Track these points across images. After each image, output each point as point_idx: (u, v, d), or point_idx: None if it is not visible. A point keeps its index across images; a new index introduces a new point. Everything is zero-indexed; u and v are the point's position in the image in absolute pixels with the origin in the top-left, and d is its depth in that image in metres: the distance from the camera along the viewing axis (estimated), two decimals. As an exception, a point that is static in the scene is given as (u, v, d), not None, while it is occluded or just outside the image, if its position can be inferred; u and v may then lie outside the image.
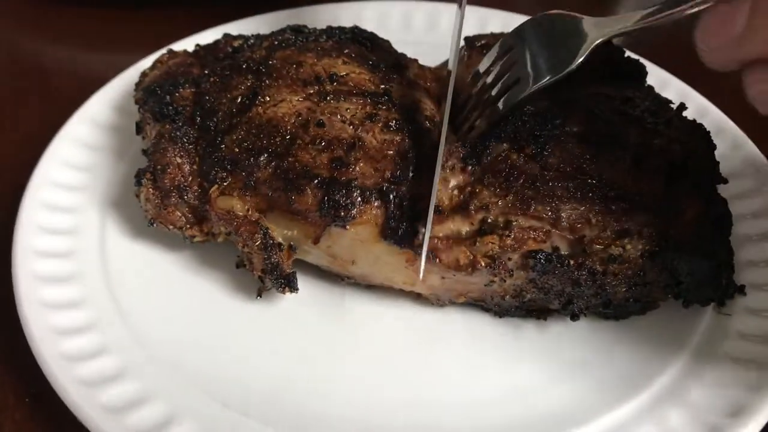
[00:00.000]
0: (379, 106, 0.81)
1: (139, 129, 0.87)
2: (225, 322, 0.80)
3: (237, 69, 0.86)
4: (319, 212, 0.73)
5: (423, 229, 0.73)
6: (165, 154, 0.80)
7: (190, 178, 0.79)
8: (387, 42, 0.96)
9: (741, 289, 0.82)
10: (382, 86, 0.84)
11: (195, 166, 0.79)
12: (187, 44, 1.05)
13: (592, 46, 0.76)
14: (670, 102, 0.88)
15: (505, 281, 0.74)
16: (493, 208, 0.74)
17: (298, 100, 0.81)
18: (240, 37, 0.95)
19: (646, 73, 0.92)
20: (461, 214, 0.74)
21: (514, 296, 0.77)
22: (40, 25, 1.31)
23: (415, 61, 0.93)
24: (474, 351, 0.79)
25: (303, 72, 0.84)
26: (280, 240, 0.76)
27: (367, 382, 0.76)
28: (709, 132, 0.85)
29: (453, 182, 0.76)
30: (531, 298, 0.77)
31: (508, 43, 0.80)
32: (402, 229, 0.73)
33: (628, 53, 0.93)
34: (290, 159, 0.76)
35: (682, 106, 0.87)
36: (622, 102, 0.83)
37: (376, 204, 0.73)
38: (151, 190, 0.79)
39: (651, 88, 0.90)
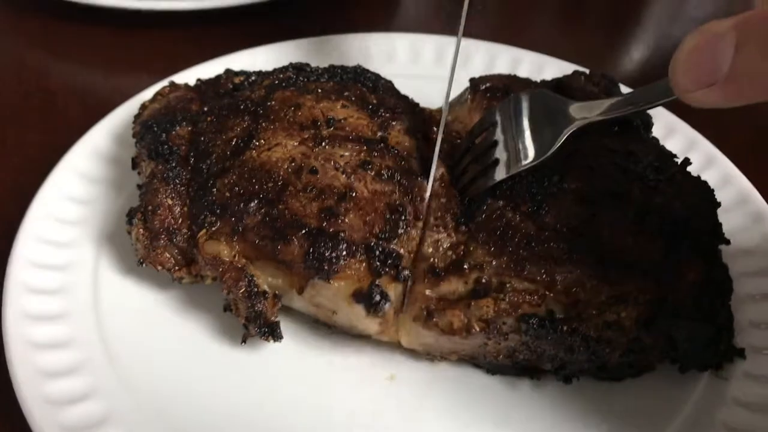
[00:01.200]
0: (374, 153, 0.79)
1: (135, 164, 0.87)
2: (211, 368, 0.79)
3: (234, 109, 0.85)
4: (303, 264, 0.72)
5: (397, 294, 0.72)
6: (156, 195, 0.79)
7: (180, 221, 0.79)
8: (390, 83, 0.95)
9: (740, 353, 0.79)
10: (380, 133, 0.83)
11: (186, 208, 0.79)
12: (197, 71, 1.05)
13: (573, 129, 0.75)
14: (675, 156, 0.86)
15: (499, 344, 0.73)
16: (488, 267, 0.72)
17: (293, 144, 0.80)
18: (242, 73, 0.95)
19: (652, 123, 0.90)
20: (456, 274, 0.72)
21: (507, 356, 0.75)
22: (49, 44, 1.32)
23: (416, 104, 0.92)
24: (465, 409, 0.77)
25: (300, 115, 0.83)
26: (265, 288, 0.75)
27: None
28: (712, 190, 0.82)
29: (446, 243, 0.74)
30: (524, 358, 0.75)
31: (494, 117, 0.80)
32: (376, 293, 0.71)
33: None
34: (280, 206, 0.75)
35: (686, 161, 0.84)
36: (624, 156, 0.81)
37: (361, 260, 0.72)
38: (141, 230, 0.79)
39: (656, 140, 0.88)
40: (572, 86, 0.91)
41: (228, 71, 0.96)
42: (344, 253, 0.72)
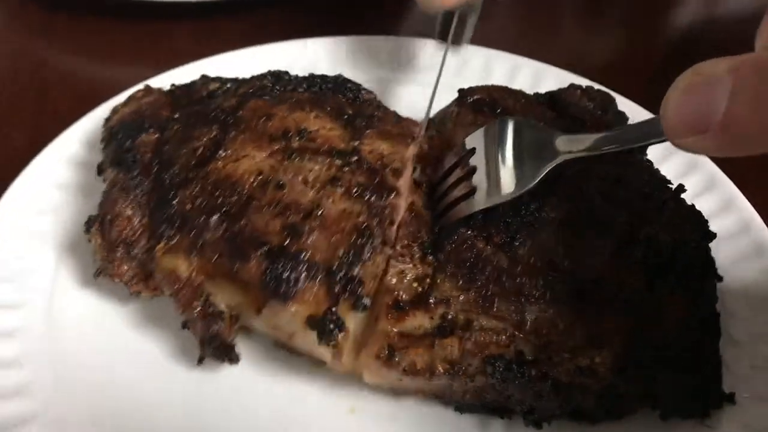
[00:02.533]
0: (345, 168, 0.76)
1: (101, 170, 0.83)
2: (163, 388, 0.75)
3: (203, 117, 0.81)
4: (260, 284, 0.68)
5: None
6: (115, 205, 0.76)
7: (139, 232, 0.75)
8: (371, 93, 0.91)
9: (730, 398, 0.72)
10: (353, 143, 0.79)
11: (146, 220, 0.75)
12: (191, 69, 1.02)
13: (556, 163, 0.70)
14: (668, 182, 0.81)
15: (466, 385, 0.68)
16: (454, 303, 0.68)
17: (261, 156, 0.76)
18: (217, 80, 0.91)
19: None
20: (421, 308, 0.68)
21: (474, 396, 0.71)
22: (48, 34, 1.28)
23: (400, 117, 0.88)
24: None
25: (272, 126, 0.80)
26: (222, 308, 0.71)
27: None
28: (705, 221, 0.77)
29: (411, 274, 0.70)
30: (493, 399, 0.70)
31: (475, 141, 0.75)
32: (330, 321, 0.67)
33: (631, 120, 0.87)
34: (242, 222, 0.71)
35: (680, 188, 0.79)
36: (612, 182, 0.76)
37: (320, 283, 0.68)
38: (98, 240, 0.75)
39: (650, 163, 0.84)
40: (566, 100, 0.87)
41: (204, 77, 0.92)
42: (303, 275, 0.68)
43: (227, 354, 0.72)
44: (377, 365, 0.67)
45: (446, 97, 0.89)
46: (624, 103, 0.96)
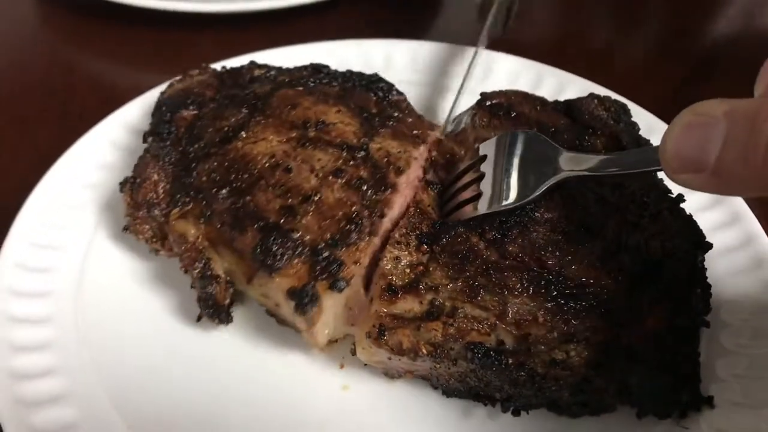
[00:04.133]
0: (351, 161, 0.81)
1: (145, 138, 0.92)
2: (167, 345, 0.82)
3: (237, 100, 0.89)
4: (251, 255, 0.74)
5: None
6: (145, 169, 0.84)
7: (162, 196, 0.83)
8: (402, 95, 0.95)
9: (709, 401, 0.72)
10: (364, 139, 0.84)
11: (168, 186, 0.83)
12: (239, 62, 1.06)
13: (553, 181, 0.74)
14: (669, 192, 0.81)
15: (449, 368, 0.72)
16: (443, 290, 0.72)
17: (278, 141, 0.83)
18: (264, 66, 0.99)
19: None
20: (412, 293, 0.73)
21: (458, 381, 0.74)
22: (77, 40, 1.35)
23: (416, 117, 0.92)
24: (416, 428, 0.77)
25: (294, 114, 0.86)
26: (219, 272, 0.78)
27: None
28: (700, 231, 0.78)
29: (405, 261, 0.75)
30: (475, 385, 0.74)
31: (487, 149, 0.79)
32: (306, 294, 0.72)
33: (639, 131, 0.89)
34: (247, 198, 0.78)
35: (680, 198, 0.80)
36: (612, 188, 0.78)
37: (304, 261, 0.73)
38: (128, 198, 0.84)
39: (654, 174, 0.83)
40: (581, 109, 0.89)
41: (252, 63, 1.00)
42: (290, 251, 0.73)
43: (219, 314, 0.78)
44: (368, 343, 0.72)
45: (471, 101, 0.93)
46: (640, 114, 0.98)
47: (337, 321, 0.77)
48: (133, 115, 1.02)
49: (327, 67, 0.98)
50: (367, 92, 0.93)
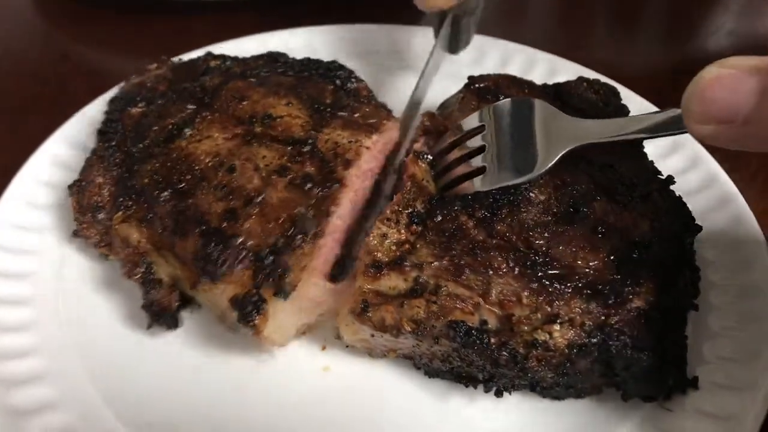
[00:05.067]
0: (297, 157, 0.78)
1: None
2: (135, 347, 0.79)
3: (185, 95, 0.86)
4: (193, 261, 0.72)
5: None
6: (90, 171, 0.82)
7: (107, 199, 0.81)
8: (363, 83, 0.91)
9: (693, 383, 0.71)
10: (312, 132, 0.80)
11: (113, 188, 0.81)
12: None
13: (564, 152, 0.71)
14: (659, 173, 0.79)
15: (431, 347, 0.70)
16: (427, 268, 0.70)
17: (223, 138, 0.80)
18: (219, 57, 0.95)
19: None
20: (396, 270, 0.70)
21: (441, 360, 0.73)
22: (71, 27, 1.33)
23: (388, 110, 0.89)
24: (395, 408, 0.75)
25: (242, 108, 0.83)
26: (162, 277, 0.75)
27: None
28: (689, 213, 0.76)
29: (392, 238, 0.72)
30: (459, 365, 0.72)
31: (485, 118, 0.75)
32: (249, 302, 0.69)
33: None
34: (189, 201, 0.75)
35: (670, 179, 0.78)
36: (602, 168, 0.75)
37: (248, 267, 0.70)
38: (74, 203, 0.82)
39: (644, 155, 0.82)
40: (571, 92, 0.86)
41: (208, 54, 0.96)
42: (232, 257, 0.71)
43: (165, 320, 0.76)
44: (351, 319, 0.70)
45: (460, 86, 0.89)
46: (632, 98, 0.95)
47: (296, 317, 0.74)
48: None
49: (284, 55, 0.94)
50: (324, 81, 0.90)
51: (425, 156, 0.78)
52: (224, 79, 0.88)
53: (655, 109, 0.96)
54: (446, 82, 0.93)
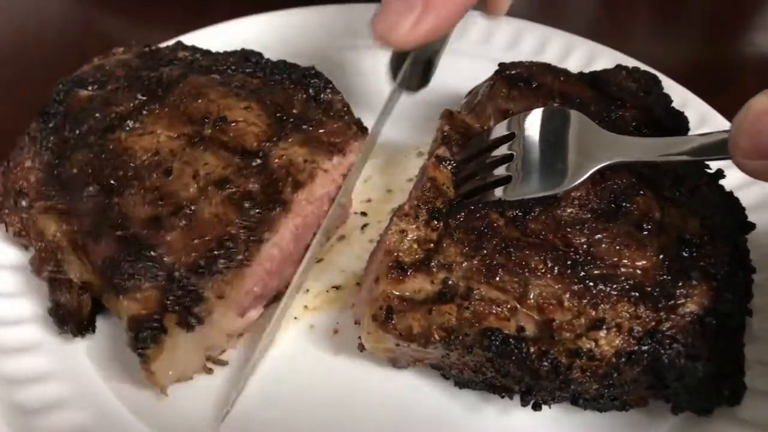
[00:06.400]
0: (243, 171, 0.70)
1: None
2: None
3: (138, 84, 0.78)
4: (101, 268, 0.64)
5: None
6: (20, 153, 0.75)
7: (33, 186, 0.73)
8: (339, 95, 0.83)
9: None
10: (267, 144, 0.72)
11: (40, 174, 0.73)
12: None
13: (597, 168, 0.65)
14: (707, 166, 0.72)
15: (463, 356, 0.63)
16: (457, 269, 0.63)
17: (167, 136, 0.72)
18: (190, 48, 0.88)
19: (688, 128, 0.77)
20: (422, 271, 0.63)
21: (473, 371, 0.66)
22: None
23: (344, 123, 0.80)
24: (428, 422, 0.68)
25: (195, 106, 0.75)
26: (72, 277, 0.67)
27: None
28: (743, 209, 0.69)
29: (412, 235, 0.65)
30: (493, 376, 0.65)
31: (516, 126, 0.69)
32: (146, 329, 0.61)
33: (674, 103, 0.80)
34: (115, 199, 0.67)
35: (719, 174, 0.71)
36: (642, 162, 0.68)
37: (157, 286, 0.63)
38: (0, 185, 0.74)
39: None
40: (609, 81, 0.80)
41: (178, 44, 0.89)
42: (142, 272, 0.63)
43: (71, 325, 0.68)
44: (374, 327, 0.63)
45: (490, 70, 0.82)
46: (673, 88, 0.88)
47: (195, 356, 0.66)
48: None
49: (258, 54, 0.86)
50: (296, 88, 0.81)
51: (448, 162, 0.71)
52: (184, 72, 0.80)
53: (699, 101, 0.91)
54: (475, 65, 0.87)
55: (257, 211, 0.67)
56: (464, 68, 0.90)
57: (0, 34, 1.21)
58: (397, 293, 0.62)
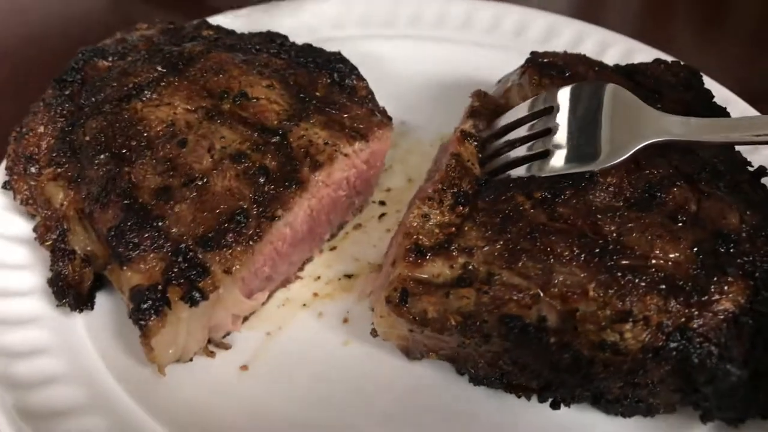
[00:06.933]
0: (261, 146, 0.67)
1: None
2: None
3: (158, 57, 0.76)
4: (107, 236, 0.62)
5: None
6: (34, 118, 0.73)
7: (44, 152, 0.71)
8: (363, 81, 0.80)
9: None
10: (288, 123, 0.70)
11: (53, 141, 0.71)
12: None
13: (640, 146, 0.63)
14: (749, 164, 0.69)
15: (480, 346, 0.60)
16: (478, 253, 0.60)
17: (184, 109, 0.70)
18: (215, 28, 0.86)
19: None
20: (442, 255, 0.61)
21: (490, 364, 0.62)
22: None
23: (368, 110, 0.77)
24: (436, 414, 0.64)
25: (216, 81, 0.73)
26: (75, 248, 0.65)
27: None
28: None
29: (435, 219, 0.63)
30: (510, 370, 0.62)
31: (556, 99, 0.68)
32: (149, 299, 0.58)
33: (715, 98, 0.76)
34: (126, 168, 0.65)
35: (762, 171, 0.68)
36: (680, 152, 0.66)
37: (162, 257, 0.60)
38: (11, 150, 0.72)
39: (731, 146, 0.72)
40: (647, 73, 0.78)
41: (202, 22, 0.87)
42: (148, 242, 0.60)
43: (70, 298, 0.65)
44: (387, 310, 0.60)
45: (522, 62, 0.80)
46: (712, 86, 0.83)
47: (198, 336, 0.63)
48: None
49: (284, 37, 0.84)
50: (320, 71, 0.79)
51: (473, 138, 0.70)
52: (207, 47, 0.78)
53: (741, 102, 0.87)
54: (507, 58, 0.85)
55: (272, 187, 0.64)
56: (496, 60, 0.89)
57: (27, 16, 1.21)
58: (414, 276, 0.60)
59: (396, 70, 0.96)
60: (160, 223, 0.61)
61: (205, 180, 0.64)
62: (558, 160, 0.64)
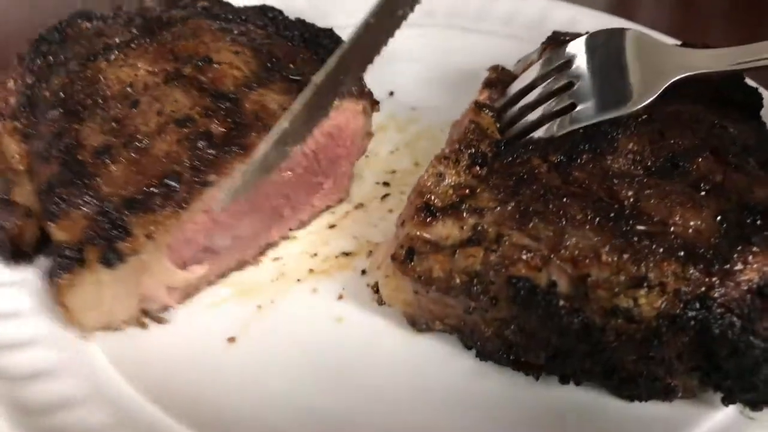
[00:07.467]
0: (211, 112, 0.64)
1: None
2: None
3: (136, 20, 0.75)
4: (40, 191, 0.61)
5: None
6: (7, 74, 0.72)
7: (12, 107, 0.69)
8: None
9: None
10: (244, 89, 0.67)
11: (20, 96, 0.70)
12: None
13: (669, 83, 0.62)
14: None
15: (486, 311, 0.57)
16: (488, 214, 0.58)
17: (146, 71, 0.68)
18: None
19: (762, 105, 0.69)
20: (452, 215, 0.59)
21: (496, 334, 0.59)
22: None
23: (368, 91, 0.73)
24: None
25: (184, 46, 0.71)
26: (18, 200, 0.64)
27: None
28: None
29: (449, 180, 0.61)
30: (517, 342, 0.59)
31: (575, 50, 0.67)
32: (63, 254, 0.57)
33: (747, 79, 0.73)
34: (75, 125, 0.64)
35: None
36: (709, 127, 0.63)
37: (86, 216, 0.58)
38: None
39: (763, 125, 0.68)
40: None
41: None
42: (74, 199, 0.59)
43: (6, 250, 0.64)
44: (392, 268, 0.59)
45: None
46: None
47: (122, 302, 0.61)
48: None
49: (279, 11, 0.81)
50: (304, 48, 0.75)
51: (487, 110, 0.67)
52: (190, 14, 0.76)
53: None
54: (522, 47, 0.81)
55: (211, 152, 0.61)
56: (513, 50, 0.83)
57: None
58: (422, 237, 0.58)
59: (408, 57, 0.92)
60: (91, 181, 0.59)
61: (146, 142, 0.61)
62: (587, 111, 0.62)
